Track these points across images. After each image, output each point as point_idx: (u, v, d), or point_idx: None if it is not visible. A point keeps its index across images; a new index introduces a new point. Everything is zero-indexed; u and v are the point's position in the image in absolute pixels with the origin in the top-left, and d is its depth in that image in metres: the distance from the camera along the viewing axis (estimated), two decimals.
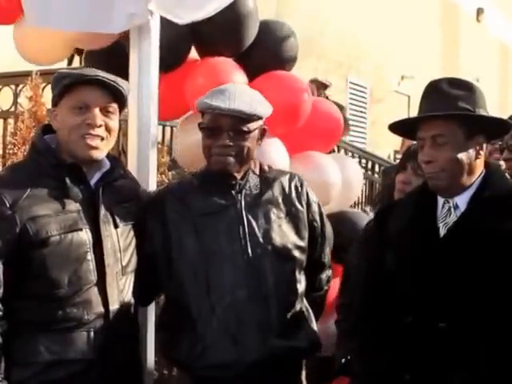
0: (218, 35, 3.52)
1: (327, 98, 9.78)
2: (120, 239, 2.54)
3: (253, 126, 2.58)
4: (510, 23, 17.69)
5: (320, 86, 9.65)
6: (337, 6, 11.94)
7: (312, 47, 11.78)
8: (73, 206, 2.46)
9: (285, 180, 2.71)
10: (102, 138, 2.51)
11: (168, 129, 6.53)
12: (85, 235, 2.45)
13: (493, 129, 2.38)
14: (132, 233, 2.60)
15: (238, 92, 2.58)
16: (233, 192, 2.62)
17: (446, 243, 2.30)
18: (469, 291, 2.23)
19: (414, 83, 13.56)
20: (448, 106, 2.31)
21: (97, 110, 2.49)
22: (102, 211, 2.51)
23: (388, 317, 2.34)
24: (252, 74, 3.62)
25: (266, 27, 3.77)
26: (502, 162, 3.57)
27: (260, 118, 2.61)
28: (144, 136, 3.13)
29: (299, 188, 2.71)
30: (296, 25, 12.35)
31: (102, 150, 2.52)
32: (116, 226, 2.53)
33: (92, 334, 2.45)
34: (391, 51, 13.05)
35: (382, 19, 12.67)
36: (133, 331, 2.62)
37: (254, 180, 2.66)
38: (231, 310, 2.54)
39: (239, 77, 3.51)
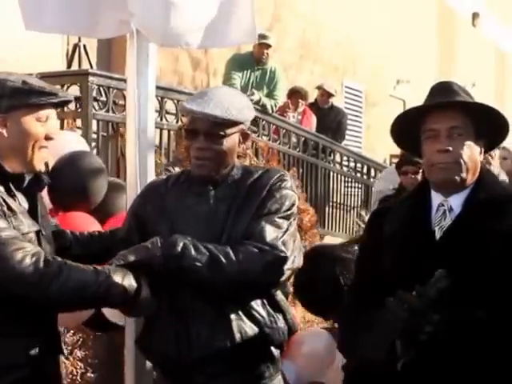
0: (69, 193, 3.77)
1: (331, 105, 9.84)
2: (46, 246, 2.56)
3: (230, 130, 2.64)
4: (505, 28, 17.73)
5: (325, 94, 9.69)
6: (333, 10, 11.98)
7: (308, 51, 11.83)
8: (20, 212, 2.47)
9: (266, 177, 2.70)
10: None
11: (165, 132, 6.57)
12: (35, 239, 2.49)
13: (491, 135, 2.40)
14: (52, 241, 2.64)
15: (218, 96, 2.64)
16: (209, 186, 2.68)
17: (442, 246, 2.31)
18: (467, 294, 2.23)
19: (410, 87, 13.60)
20: (463, 99, 2.32)
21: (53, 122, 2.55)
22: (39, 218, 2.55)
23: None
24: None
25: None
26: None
27: (239, 122, 2.66)
28: (142, 139, 3.17)
29: (276, 184, 2.68)
30: (293, 28, 12.39)
31: None
32: (42, 234, 2.55)
33: (37, 341, 2.46)
34: (387, 55, 13.09)
35: (378, 23, 12.72)
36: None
37: (232, 177, 2.70)
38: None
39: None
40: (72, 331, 4.22)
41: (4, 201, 2.41)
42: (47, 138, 2.52)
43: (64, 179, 3.85)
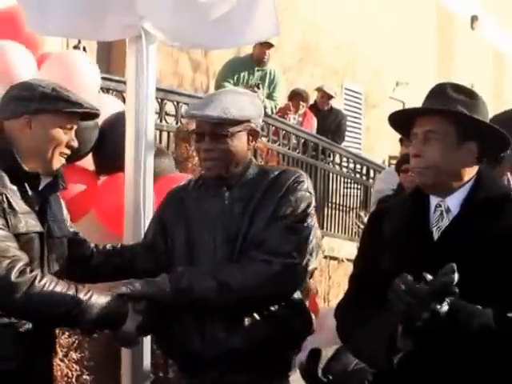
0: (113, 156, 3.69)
1: (331, 107, 9.86)
2: (53, 249, 2.62)
3: (234, 129, 2.65)
4: (503, 30, 17.76)
5: (325, 96, 9.71)
6: (333, 12, 12.00)
7: (309, 53, 11.85)
8: (24, 211, 2.53)
9: (283, 178, 2.68)
10: None
11: (165, 133, 6.58)
12: (37, 240, 2.55)
13: (489, 140, 2.37)
14: (65, 245, 2.70)
15: (221, 97, 2.68)
16: (224, 187, 2.70)
17: (440, 246, 2.32)
18: (464, 294, 2.22)
19: (409, 89, 13.62)
20: (446, 106, 2.33)
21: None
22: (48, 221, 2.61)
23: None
24: None
25: None
26: None
27: (244, 120, 2.66)
28: (141, 140, 3.19)
29: (293, 186, 2.67)
30: (293, 31, 12.40)
31: None
32: (50, 236, 2.61)
33: (26, 336, 2.49)
34: (386, 58, 13.10)
35: (378, 26, 12.74)
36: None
37: (247, 177, 2.71)
38: None
39: None
40: (67, 333, 4.19)
41: (7, 198, 2.47)
42: (68, 145, 2.64)
43: (108, 142, 3.78)
